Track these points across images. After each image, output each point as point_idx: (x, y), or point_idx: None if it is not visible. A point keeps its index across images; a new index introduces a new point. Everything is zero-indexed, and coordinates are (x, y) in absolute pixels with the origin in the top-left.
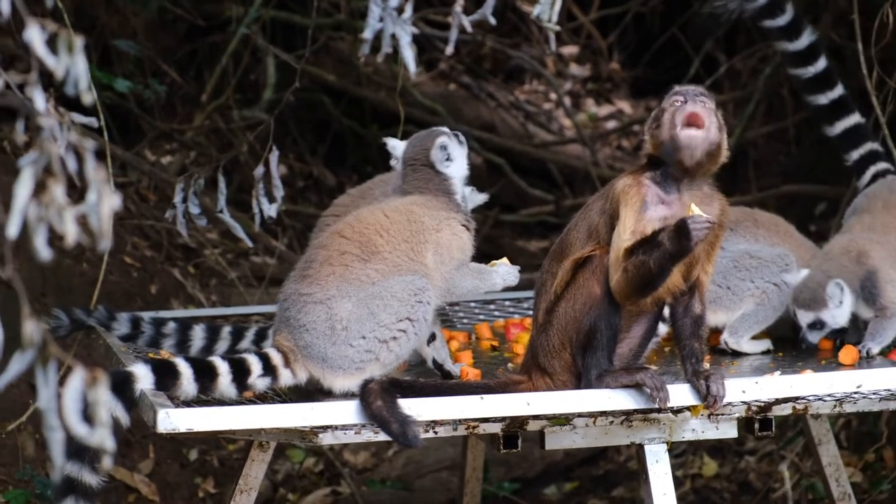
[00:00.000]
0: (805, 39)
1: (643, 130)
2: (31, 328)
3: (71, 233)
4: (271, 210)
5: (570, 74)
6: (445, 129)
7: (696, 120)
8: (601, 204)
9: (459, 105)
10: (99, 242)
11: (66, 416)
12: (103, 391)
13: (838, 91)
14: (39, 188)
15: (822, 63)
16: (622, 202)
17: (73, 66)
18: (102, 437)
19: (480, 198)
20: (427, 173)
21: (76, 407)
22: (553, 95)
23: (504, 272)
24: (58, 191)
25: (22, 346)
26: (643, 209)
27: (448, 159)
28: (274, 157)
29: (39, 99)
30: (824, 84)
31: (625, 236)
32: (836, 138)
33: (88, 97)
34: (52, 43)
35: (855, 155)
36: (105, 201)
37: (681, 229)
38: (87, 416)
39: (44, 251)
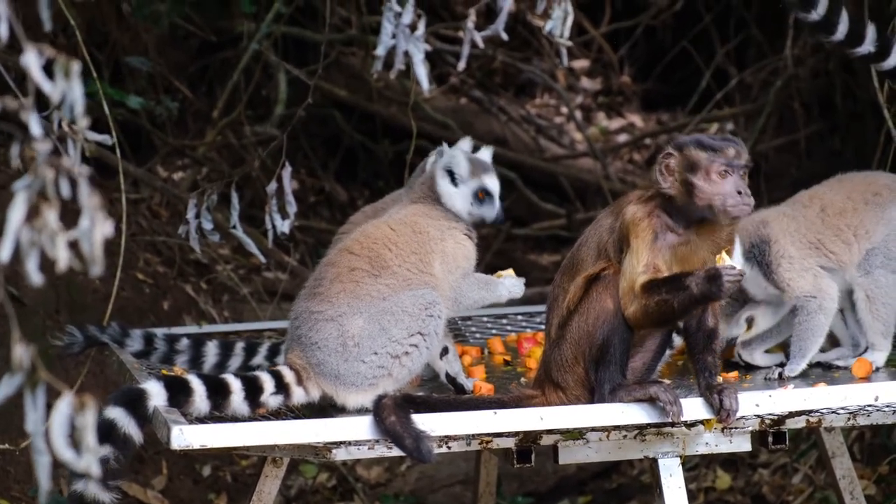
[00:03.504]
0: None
1: (661, 167)
2: (21, 351)
3: (63, 258)
4: (284, 226)
5: (581, 88)
6: (464, 149)
7: (749, 202)
8: (610, 222)
9: (471, 119)
10: (91, 268)
11: (52, 441)
12: (91, 416)
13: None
14: (34, 212)
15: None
16: (632, 233)
17: (70, 90)
18: (89, 463)
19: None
20: (428, 183)
21: (63, 431)
22: (564, 109)
23: (510, 284)
24: (51, 216)
25: (11, 369)
26: (654, 241)
27: (452, 179)
28: (286, 172)
29: (35, 124)
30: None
31: (639, 269)
32: None
33: (84, 122)
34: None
35: None
36: (97, 227)
37: (712, 278)
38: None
39: (35, 276)
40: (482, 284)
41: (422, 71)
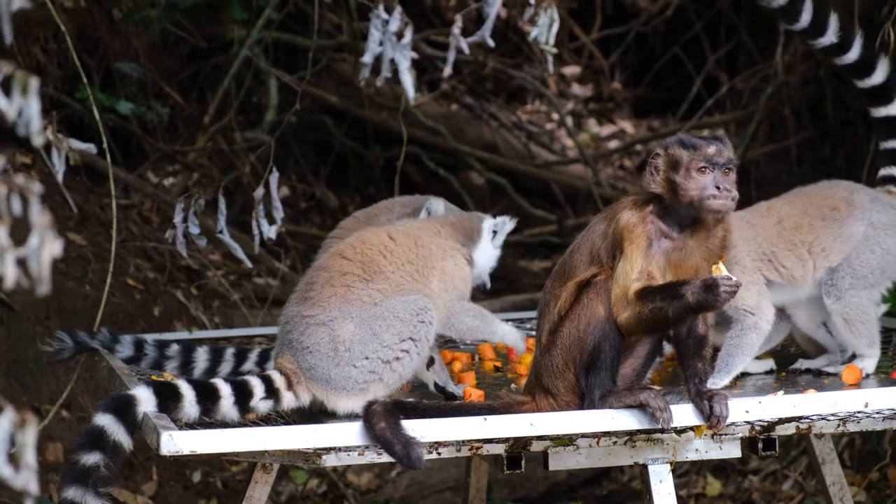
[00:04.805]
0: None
1: (650, 168)
2: None
3: (10, 275)
4: (271, 231)
5: (572, 94)
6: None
7: (729, 196)
8: (603, 227)
9: (462, 125)
10: (38, 287)
11: None
12: (31, 434)
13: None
14: None
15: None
16: (626, 239)
17: (27, 107)
18: (27, 481)
19: (509, 225)
20: (462, 223)
21: (3, 447)
22: (555, 115)
23: (505, 331)
24: (0, 232)
25: None
26: (648, 247)
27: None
28: (274, 178)
29: None
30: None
31: (633, 276)
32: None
33: (39, 139)
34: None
35: (886, 145)
36: (46, 246)
37: (710, 287)
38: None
39: None
40: (476, 314)
41: (408, 78)
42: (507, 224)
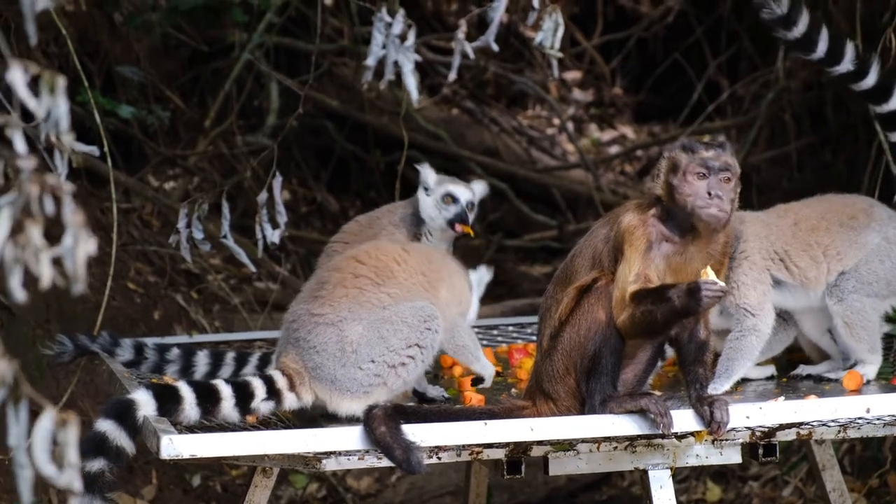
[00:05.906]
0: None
1: (656, 170)
2: (3, 367)
3: (46, 275)
4: (274, 236)
5: (573, 99)
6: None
7: (722, 206)
8: (605, 232)
9: (462, 130)
10: (73, 286)
11: (34, 456)
12: (73, 433)
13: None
14: (18, 228)
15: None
16: (627, 242)
17: (55, 107)
18: (70, 479)
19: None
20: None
21: (45, 447)
22: (556, 120)
23: (486, 363)
24: (35, 232)
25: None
26: (648, 250)
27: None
28: (277, 182)
29: (19, 141)
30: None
31: (630, 278)
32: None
33: (69, 138)
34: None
35: None
36: (81, 245)
37: (692, 292)
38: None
39: (19, 293)
40: (471, 337)
41: (411, 81)
42: (485, 275)
